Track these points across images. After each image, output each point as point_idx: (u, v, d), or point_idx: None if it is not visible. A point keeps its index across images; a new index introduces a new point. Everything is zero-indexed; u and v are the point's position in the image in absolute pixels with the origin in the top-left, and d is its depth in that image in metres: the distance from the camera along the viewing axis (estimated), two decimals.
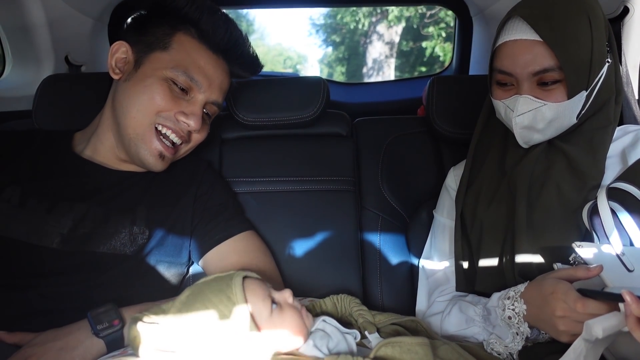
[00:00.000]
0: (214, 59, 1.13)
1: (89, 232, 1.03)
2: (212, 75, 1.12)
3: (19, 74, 1.79)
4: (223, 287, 0.85)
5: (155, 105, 1.06)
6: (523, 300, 0.89)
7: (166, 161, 1.11)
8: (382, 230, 1.34)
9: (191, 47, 1.10)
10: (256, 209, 1.32)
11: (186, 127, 1.09)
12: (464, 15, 2.14)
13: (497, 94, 1.00)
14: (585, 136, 1.00)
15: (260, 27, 11.85)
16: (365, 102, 2.34)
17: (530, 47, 0.92)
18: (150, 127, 1.07)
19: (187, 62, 1.09)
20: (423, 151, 1.42)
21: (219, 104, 1.16)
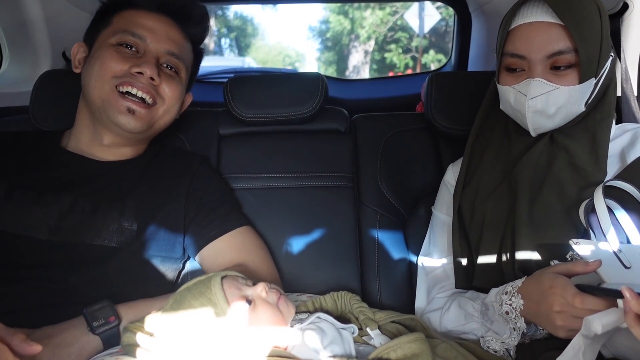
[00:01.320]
0: (154, 15, 1.16)
1: (77, 223, 1.03)
2: (154, 27, 1.14)
3: (16, 69, 1.78)
4: (203, 290, 0.86)
5: (108, 69, 1.09)
6: (520, 295, 0.89)
7: (140, 117, 1.10)
8: (380, 226, 1.34)
9: (129, 14, 1.15)
10: (254, 205, 1.33)
11: (142, 77, 1.09)
12: (462, 12, 2.14)
13: (506, 80, 1.00)
14: (589, 130, 1.00)
15: (261, 28, 13.34)
16: (364, 98, 2.34)
17: (547, 29, 0.93)
18: (112, 90, 1.08)
19: (127, 24, 1.13)
20: (421, 147, 1.42)
21: (176, 55, 1.16)
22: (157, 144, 1.28)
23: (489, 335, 0.95)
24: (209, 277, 0.89)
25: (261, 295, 0.88)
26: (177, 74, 1.17)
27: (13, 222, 1.01)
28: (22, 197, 1.04)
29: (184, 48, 1.19)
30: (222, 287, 0.86)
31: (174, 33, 1.17)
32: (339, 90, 2.34)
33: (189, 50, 1.22)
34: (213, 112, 1.47)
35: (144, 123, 1.11)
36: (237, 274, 0.93)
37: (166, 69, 1.15)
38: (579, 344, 0.75)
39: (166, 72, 1.14)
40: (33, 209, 1.03)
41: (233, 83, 1.41)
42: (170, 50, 1.14)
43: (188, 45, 1.22)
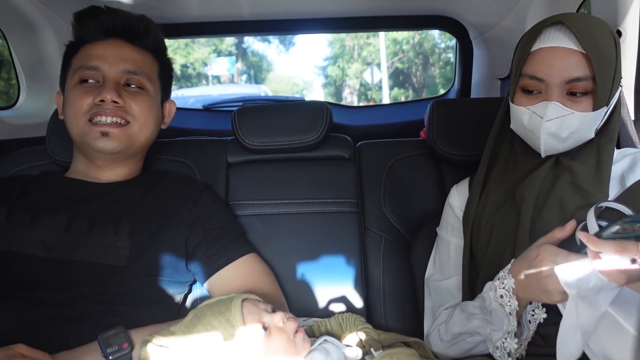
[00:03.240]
0: (103, 42, 1.21)
1: (73, 242, 1.07)
2: (104, 53, 1.19)
3: (33, 102, 1.85)
4: (223, 310, 0.88)
5: (78, 108, 1.15)
6: (511, 275, 0.94)
7: (115, 137, 1.15)
8: (385, 250, 1.36)
9: (83, 50, 1.21)
10: (261, 231, 1.35)
11: (106, 104, 1.14)
12: (464, 39, 2.18)
13: (521, 101, 1.02)
14: (593, 153, 1.02)
15: (274, 63, 15.90)
16: (368, 125, 2.37)
17: (568, 55, 0.95)
18: (86, 124, 1.14)
19: (82, 60, 1.19)
20: (425, 173, 1.44)
21: (133, 71, 1.19)
22: (162, 170, 1.33)
23: (490, 330, 0.97)
24: (231, 297, 0.91)
25: (278, 324, 0.89)
26: (142, 89, 1.21)
27: (11, 242, 1.06)
28: (20, 219, 1.09)
29: (141, 62, 1.22)
30: (241, 310, 0.88)
31: (126, 52, 1.21)
32: (344, 117, 2.38)
33: (150, 62, 1.25)
34: (221, 141, 1.51)
35: (121, 142, 1.16)
36: (258, 298, 0.95)
37: (129, 87, 1.19)
38: (574, 304, 0.79)
39: (130, 91, 1.18)
40: (30, 229, 1.07)
41: (241, 113, 1.46)
42: (126, 69, 1.18)
43: (147, 57, 1.25)
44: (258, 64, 15.92)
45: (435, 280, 1.20)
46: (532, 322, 0.96)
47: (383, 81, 13.00)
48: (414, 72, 13.02)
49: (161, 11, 1.88)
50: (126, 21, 1.23)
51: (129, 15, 1.24)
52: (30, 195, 1.17)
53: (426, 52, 12.86)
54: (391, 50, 13.35)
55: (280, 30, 2.14)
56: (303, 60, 17.83)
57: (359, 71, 13.83)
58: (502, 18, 1.88)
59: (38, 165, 1.41)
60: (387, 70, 12.73)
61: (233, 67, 15.05)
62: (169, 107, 1.33)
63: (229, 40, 14.63)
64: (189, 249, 1.16)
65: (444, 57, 13.32)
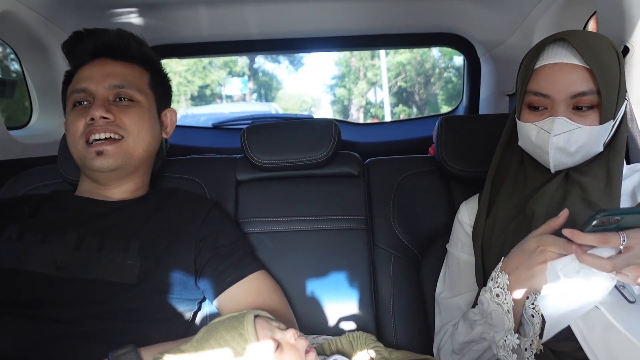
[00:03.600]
0: (89, 65, 1.24)
1: (82, 260, 1.08)
2: (90, 74, 1.22)
3: (44, 122, 1.88)
4: (236, 325, 0.88)
5: (74, 132, 1.18)
6: (504, 272, 0.94)
7: (111, 154, 1.16)
8: (394, 267, 1.35)
9: (75, 77, 1.25)
10: (271, 248, 1.35)
11: (96, 121, 1.16)
12: (471, 56, 2.20)
13: (528, 117, 1.03)
14: (602, 167, 1.02)
15: (283, 81, 17.19)
16: (377, 141, 2.38)
17: (571, 70, 0.96)
18: (84, 147, 1.17)
19: (73, 85, 1.23)
20: (433, 189, 1.44)
21: (120, 85, 1.21)
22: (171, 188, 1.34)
23: (493, 333, 0.97)
24: (242, 313, 0.91)
25: (290, 341, 0.89)
26: (132, 101, 1.22)
27: (22, 260, 1.07)
28: (31, 238, 1.10)
29: (128, 75, 1.24)
30: (254, 325, 0.88)
31: (111, 68, 1.23)
32: (353, 134, 2.40)
33: (138, 74, 1.27)
34: (231, 159, 1.52)
35: (117, 157, 1.17)
36: (269, 315, 0.95)
37: (120, 102, 1.21)
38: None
39: (121, 105, 1.20)
40: (41, 247, 1.09)
41: (250, 131, 1.47)
42: (112, 84, 1.20)
43: (134, 70, 1.27)
44: (268, 83, 16.73)
45: (445, 298, 1.20)
46: (535, 315, 0.95)
47: (385, 100, 14.04)
48: (417, 91, 14.26)
49: (173, 32, 1.92)
50: (106, 40, 1.26)
51: (109, 34, 1.27)
52: (41, 215, 1.19)
53: (427, 71, 13.83)
54: (394, 72, 14.48)
55: (290, 49, 2.17)
56: (311, 78, 19.13)
57: (364, 90, 15.10)
58: (509, 35, 1.89)
59: (50, 184, 1.43)
60: (390, 89, 14.11)
61: (245, 86, 15.64)
62: (170, 116, 1.35)
63: (242, 62, 15.30)
64: (198, 267, 1.16)
65: (445, 76, 14.20)
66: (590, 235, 0.81)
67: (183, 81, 13.89)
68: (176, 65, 12.82)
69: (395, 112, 14.57)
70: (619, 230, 0.81)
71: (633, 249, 0.81)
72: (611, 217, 0.79)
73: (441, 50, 12.97)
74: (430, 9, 1.93)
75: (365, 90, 15.39)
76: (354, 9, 1.88)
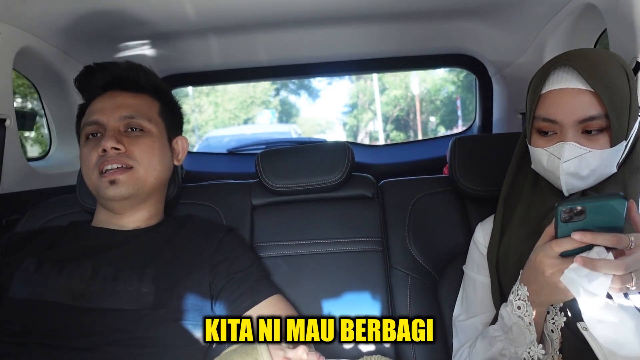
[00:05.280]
0: (101, 97, 1.27)
1: (99, 289, 1.10)
2: (102, 106, 1.24)
3: (63, 152, 1.92)
4: (250, 351, 0.90)
5: (88, 164, 1.21)
6: (523, 284, 0.94)
7: (123, 183, 1.18)
8: (411, 289, 1.34)
9: (88, 110, 1.28)
10: (287, 271, 1.36)
11: (107, 153, 1.18)
12: (483, 76, 2.21)
13: (538, 142, 1.02)
14: (619, 185, 1.00)
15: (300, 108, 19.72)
16: (390, 162, 2.39)
17: (578, 95, 0.94)
18: (97, 177, 1.19)
19: (86, 117, 1.26)
20: (449, 209, 1.44)
21: (130, 115, 1.23)
22: (185, 215, 1.36)
23: (514, 349, 0.96)
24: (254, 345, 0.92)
25: (302, 357, 0.90)
26: (143, 131, 1.24)
27: (40, 291, 1.09)
28: (49, 270, 1.13)
29: (138, 105, 1.26)
30: (268, 350, 0.89)
31: (121, 99, 1.26)
32: (366, 155, 2.40)
33: (148, 103, 1.29)
34: (245, 184, 1.54)
35: (129, 186, 1.19)
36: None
37: (131, 132, 1.23)
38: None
39: (131, 135, 1.22)
40: (58, 278, 1.11)
41: (264, 156, 1.49)
42: (122, 115, 1.22)
43: (145, 99, 1.29)
44: (288, 111, 19.33)
45: (462, 321, 1.18)
46: (554, 330, 0.94)
47: (378, 125, 17.44)
48: (412, 119, 17.34)
49: (184, 62, 1.96)
50: (115, 73, 1.30)
51: (118, 67, 1.31)
52: (58, 247, 1.21)
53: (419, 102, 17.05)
54: (392, 105, 17.43)
55: (301, 74, 2.20)
56: (325, 105, 21.80)
57: (369, 119, 18.46)
58: (520, 55, 1.90)
59: (68, 214, 1.45)
60: (389, 119, 17.45)
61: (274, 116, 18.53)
62: (181, 143, 1.37)
63: (265, 88, 17.33)
64: (213, 292, 1.17)
65: (435, 105, 17.09)
66: (605, 235, 0.80)
67: (232, 116, 16.60)
68: (227, 103, 16.44)
69: (392, 137, 17.46)
70: (597, 227, 0.81)
71: (639, 250, 0.80)
72: (574, 208, 0.80)
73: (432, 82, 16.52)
74: (440, 30, 1.94)
75: (369, 119, 18.75)
76: (364, 33, 1.91)
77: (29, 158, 1.79)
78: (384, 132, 17.42)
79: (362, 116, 18.65)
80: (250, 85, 15.94)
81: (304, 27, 1.83)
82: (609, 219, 0.81)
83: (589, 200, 0.80)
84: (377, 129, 17.63)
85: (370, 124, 18.56)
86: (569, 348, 0.95)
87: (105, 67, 1.31)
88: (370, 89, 17.67)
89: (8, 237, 1.27)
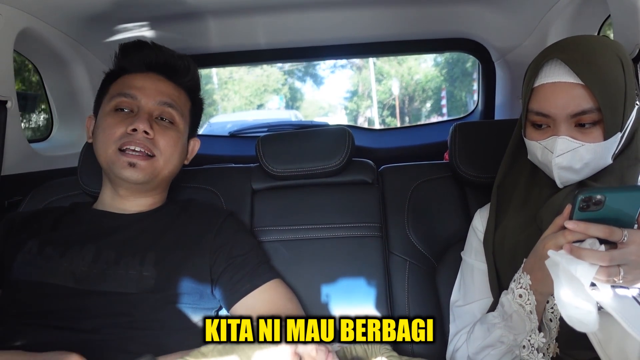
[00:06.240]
0: (143, 75, 1.26)
1: (100, 272, 1.10)
2: (143, 85, 1.23)
3: (65, 134, 1.92)
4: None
5: (110, 135, 1.18)
6: (526, 273, 0.94)
7: (142, 169, 1.18)
8: (410, 274, 1.35)
9: (122, 79, 1.26)
10: (286, 256, 1.37)
11: (137, 133, 1.17)
12: (486, 61, 2.19)
13: (533, 135, 1.02)
14: (616, 175, 1.00)
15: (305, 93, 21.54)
16: (391, 147, 2.38)
17: (570, 89, 0.93)
18: (115, 153, 1.18)
19: (121, 88, 1.23)
20: (448, 195, 1.44)
21: (168, 103, 1.23)
22: (187, 199, 1.37)
23: (513, 336, 0.97)
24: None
25: (311, 354, 0.90)
26: (172, 124, 1.25)
27: (42, 273, 1.10)
28: (51, 252, 1.13)
29: (176, 98, 1.27)
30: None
31: (164, 86, 1.26)
32: (368, 139, 2.40)
33: (183, 99, 1.30)
34: (246, 168, 1.54)
35: (147, 174, 1.19)
36: None
37: (161, 121, 1.23)
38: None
39: (161, 124, 1.22)
40: (60, 261, 1.12)
41: (264, 140, 1.49)
42: (162, 101, 1.22)
43: (182, 94, 1.30)
44: (294, 96, 21.26)
45: (459, 306, 1.19)
46: (553, 320, 0.95)
47: (374, 110, 19.42)
48: (406, 105, 19.29)
49: (184, 43, 1.95)
50: (169, 59, 1.29)
51: (172, 54, 1.30)
52: (61, 229, 1.22)
53: (411, 92, 18.93)
54: (388, 94, 19.46)
55: (303, 57, 2.19)
56: (328, 89, 23.83)
57: (367, 106, 20.25)
58: (524, 39, 1.88)
59: (70, 196, 1.46)
60: (385, 106, 19.55)
61: (282, 101, 20.08)
62: (193, 145, 1.37)
63: (278, 78, 19.55)
64: (213, 276, 1.18)
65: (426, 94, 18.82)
66: (597, 226, 0.80)
67: (248, 102, 18.57)
68: (244, 91, 18.38)
69: (387, 122, 19.61)
70: (608, 219, 0.80)
71: (630, 246, 0.80)
72: (594, 196, 0.79)
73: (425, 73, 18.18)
74: (443, 14, 1.93)
75: (366, 106, 20.62)
76: (365, 17, 1.89)
77: (30, 139, 1.79)
78: (380, 117, 19.66)
79: (361, 103, 20.54)
80: (263, 75, 18.43)
81: (304, 11, 1.81)
82: (624, 212, 0.81)
83: (610, 190, 0.80)
84: (372, 114, 19.81)
85: (367, 110, 20.58)
86: (565, 337, 0.96)
87: (160, 48, 1.30)
88: (369, 79, 19.85)
89: (10, 218, 1.27)
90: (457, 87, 16.91)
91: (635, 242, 0.80)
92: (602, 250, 0.80)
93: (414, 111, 19.49)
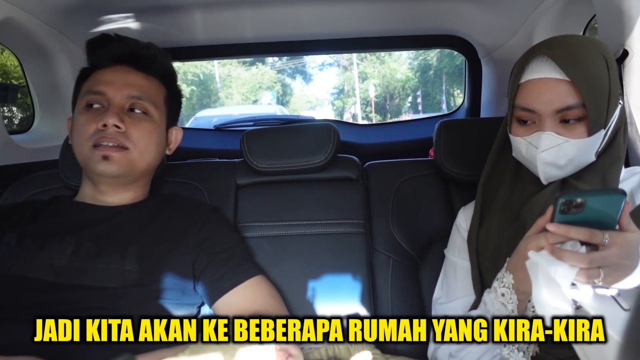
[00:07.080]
0: (111, 68, 1.25)
1: (80, 266, 1.09)
2: (111, 79, 1.22)
3: (47, 125, 1.89)
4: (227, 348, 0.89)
5: (83, 133, 1.18)
6: (509, 272, 0.95)
7: (116, 161, 1.17)
8: (393, 271, 1.36)
9: (93, 76, 1.25)
10: (270, 252, 1.36)
11: (108, 128, 1.16)
12: (472, 58, 2.20)
13: (518, 131, 1.02)
14: (598, 173, 1.01)
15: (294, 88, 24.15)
16: (376, 142, 2.38)
17: (555, 85, 0.94)
18: (90, 149, 1.17)
19: (90, 85, 1.22)
20: (432, 193, 1.44)
21: (137, 96, 1.22)
22: (170, 194, 1.35)
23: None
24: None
25: (292, 352, 0.90)
26: (146, 115, 1.23)
27: (21, 266, 1.08)
28: (30, 244, 1.11)
29: (147, 88, 1.25)
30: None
31: (133, 77, 1.24)
32: (353, 135, 2.39)
33: (155, 88, 1.28)
34: (230, 163, 1.53)
35: (121, 166, 1.18)
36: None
37: (133, 113, 1.21)
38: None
39: (134, 116, 1.21)
40: (39, 253, 1.10)
41: (249, 135, 1.47)
42: (130, 94, 1.21)
43: (153, 83, 1.27)
44: (285, 91, 23.13)
45: (442, 304, 1.20)
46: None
47: (357, 106, 21.55)
48: (388, 102, 21.56)
49: (170, 35, 1.93)
50: (134, 49, 1.26)
51: (137, 43, 1.28)
52: (41, 221, 1.20)
53: (391, 91, 21.28)
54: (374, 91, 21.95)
55: (289, 52, 2.17)
56: (315, 84, 26.22)
57: (352, 103, 22.15)
58: (510, 37, 1.89)
59: (51, 189, 1.44)
60: (369, 102, 21.97)
61: (274, 97, 21.61)
62: (175, 134, 1.35)
63: (271, 76, 21.84)
64: (196, 272, 1.17)
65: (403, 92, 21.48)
66: (578, 229, 0.81)
67: (244, 97, 20.29)
68: (241, 87, 20.53)
69: (370, 117, 21.77)
70: (590, 221, 0.81)
71: (611, 248, 0.81)
72: (574, 200, 0.79)
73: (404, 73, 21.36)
74: (430, 11, 1.93)
75: (352, 103, 22.66)
76: (352, 12, 1.88)
77: (11, 131, 1.76)
78: (363, 113, 22.03)
79: (347, 100, 22.94)
80: (259, 74, 20.62)
81: (291, 4, 1.80)
82: (606, 214, 0.81)
83: (590, 194, 0.80)
84: (356, 111, 22.19)
85: (352, 107, 22.88)
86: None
87: (124, 39, 1.28)
88: (353, 78, 22.19)
89: None
90: (430, 87, 20.06)
91: (616, 244, 0.81)
92: (583, 252, 0.81)
93: (394, 107, 22.06)
